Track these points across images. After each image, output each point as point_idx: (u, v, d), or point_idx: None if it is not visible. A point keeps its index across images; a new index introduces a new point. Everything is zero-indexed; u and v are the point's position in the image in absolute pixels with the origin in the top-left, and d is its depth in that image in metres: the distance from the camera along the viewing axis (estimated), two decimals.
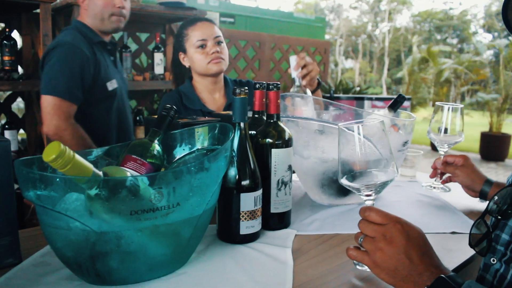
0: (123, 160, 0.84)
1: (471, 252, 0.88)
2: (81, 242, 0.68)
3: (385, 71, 19.99)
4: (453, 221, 1.05)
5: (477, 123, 8.88)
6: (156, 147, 0.88)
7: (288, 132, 0.96)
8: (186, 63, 1.67)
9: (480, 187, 1.17)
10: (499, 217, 0.73)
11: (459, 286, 0.64)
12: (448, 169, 1.26)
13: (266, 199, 0.96)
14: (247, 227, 0.89)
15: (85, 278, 0.73)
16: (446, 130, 1.29)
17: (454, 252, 0.89)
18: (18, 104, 2.72)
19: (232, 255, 0.85)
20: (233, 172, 0.88)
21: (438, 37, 21.83)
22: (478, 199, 1.19)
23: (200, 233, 0.79)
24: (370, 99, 2.29)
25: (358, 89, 5.51)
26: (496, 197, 0.75)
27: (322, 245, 0.91)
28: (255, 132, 0.97)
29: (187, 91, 1.62)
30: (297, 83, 1.44)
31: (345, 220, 1.05)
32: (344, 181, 0.80)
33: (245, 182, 0.88)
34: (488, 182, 1.16)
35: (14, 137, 2.53)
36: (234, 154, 0.88)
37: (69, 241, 0.69)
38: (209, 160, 0.72)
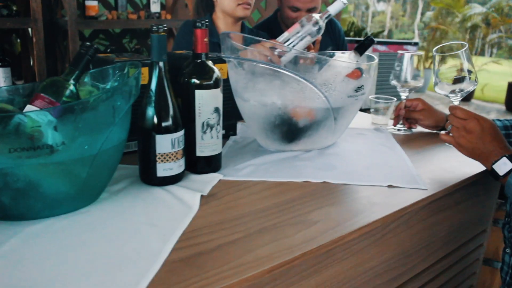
0: (32, 99, 0.82)
1: (393, 208, 0.85)
2: None
3: (418, 16, 19.05)
4: (395, 175, 1.00)
5: (507, 72, 8.47)
6: (70, 86, 0.85)
7: (217, 72, 0.92)
8: None
9: (443, 124, 1.35)
10: None
11: None
12: (412, 115, 1.36)
13: (191, 142, 0.93)
14: (164, 169, 0.87)
15: None
16: (406, 79, 1.35)
17: (376, 205, 0.85)
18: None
19: (144, 196, 0.84)
20: (150, 113, 0.85)
21: None
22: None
23: (102, 172, 0.78)
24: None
25: (370, 32, 5.24)
26: None
27: (241, 192, 0.88)
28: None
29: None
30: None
31: (280, 168, 1.01)
32: (437, 89, 1.23)
33: (161, 124, 0.85)
34: None
35: (8, 74, 2.55)
36: (152, 95, 0.85)
37: None
38: (96, 99, 0.69)
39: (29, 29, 2.57)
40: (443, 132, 1.09)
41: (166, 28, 0.84)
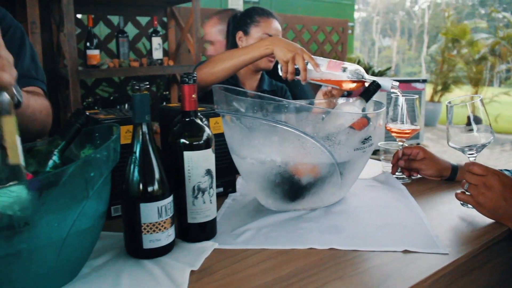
0: None
1: (411, 281, 0.74)
2: None
3: (424, 49, 19.17)
4: (410, 237, 0.89)
5: None
6: (53, 157, 0.78)
7: (207, 131, 0.84)
8: (240, 43, 1.73)
9: (448, 174, 1.25)
10: None
11: None
12: (412, 165, 1.27)
13: (182, 207, 0.84)
14: (150, 240, 0.78)
15: None
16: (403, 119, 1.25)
17: (390, 278, 0.74)
18: None
19: (129, 272, 0.75)
20: (133, 180, 0.77)
21: (483, 11, 20.63)
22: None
23: (80, 249, 0.69)
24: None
25: (378, 70, 5.18)
26: None
27: (237, 264, 0.78)
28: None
29: None
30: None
31: (282, 232, 0.91)
32: (451, 144, 1.06)
33: (146, 191, 0.77)
34: (454, 168, 1.25)
35: None
36: (135, 160, 0.77)
37: None
38: (59, 173, 0.60)
39: None
40: (458, 191, 1.02)
41: (148, 86, 0.77)
